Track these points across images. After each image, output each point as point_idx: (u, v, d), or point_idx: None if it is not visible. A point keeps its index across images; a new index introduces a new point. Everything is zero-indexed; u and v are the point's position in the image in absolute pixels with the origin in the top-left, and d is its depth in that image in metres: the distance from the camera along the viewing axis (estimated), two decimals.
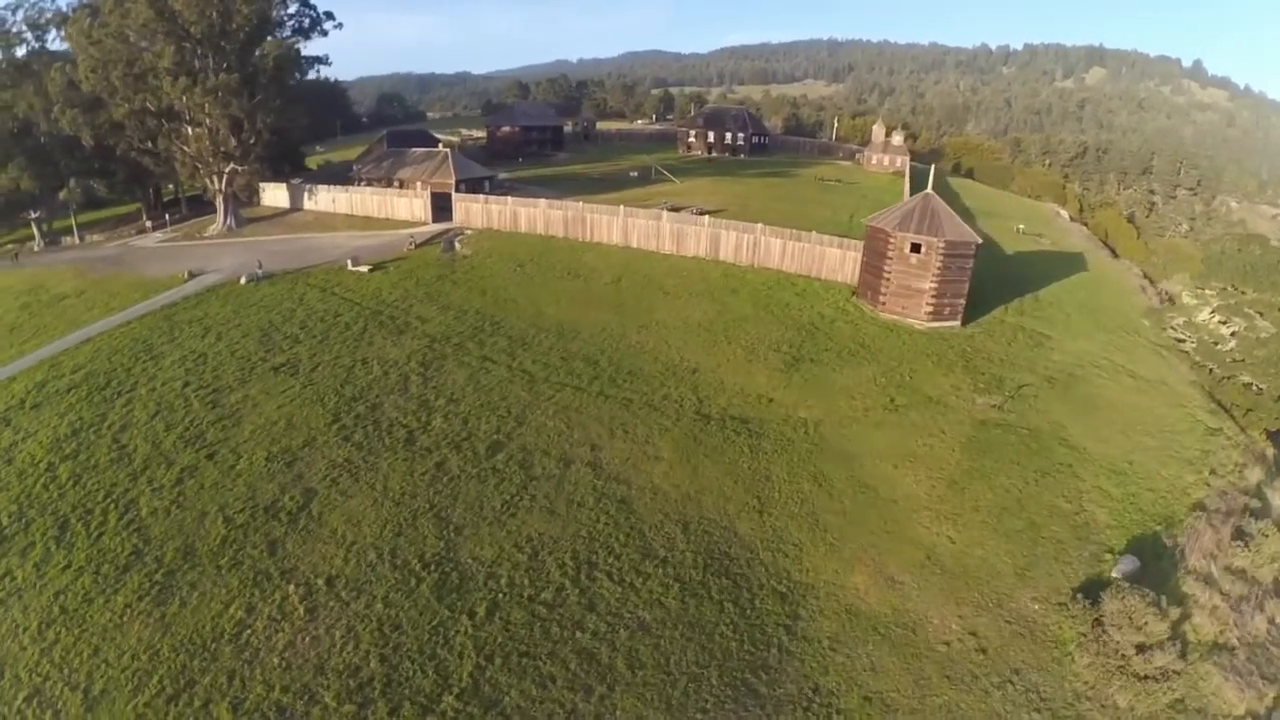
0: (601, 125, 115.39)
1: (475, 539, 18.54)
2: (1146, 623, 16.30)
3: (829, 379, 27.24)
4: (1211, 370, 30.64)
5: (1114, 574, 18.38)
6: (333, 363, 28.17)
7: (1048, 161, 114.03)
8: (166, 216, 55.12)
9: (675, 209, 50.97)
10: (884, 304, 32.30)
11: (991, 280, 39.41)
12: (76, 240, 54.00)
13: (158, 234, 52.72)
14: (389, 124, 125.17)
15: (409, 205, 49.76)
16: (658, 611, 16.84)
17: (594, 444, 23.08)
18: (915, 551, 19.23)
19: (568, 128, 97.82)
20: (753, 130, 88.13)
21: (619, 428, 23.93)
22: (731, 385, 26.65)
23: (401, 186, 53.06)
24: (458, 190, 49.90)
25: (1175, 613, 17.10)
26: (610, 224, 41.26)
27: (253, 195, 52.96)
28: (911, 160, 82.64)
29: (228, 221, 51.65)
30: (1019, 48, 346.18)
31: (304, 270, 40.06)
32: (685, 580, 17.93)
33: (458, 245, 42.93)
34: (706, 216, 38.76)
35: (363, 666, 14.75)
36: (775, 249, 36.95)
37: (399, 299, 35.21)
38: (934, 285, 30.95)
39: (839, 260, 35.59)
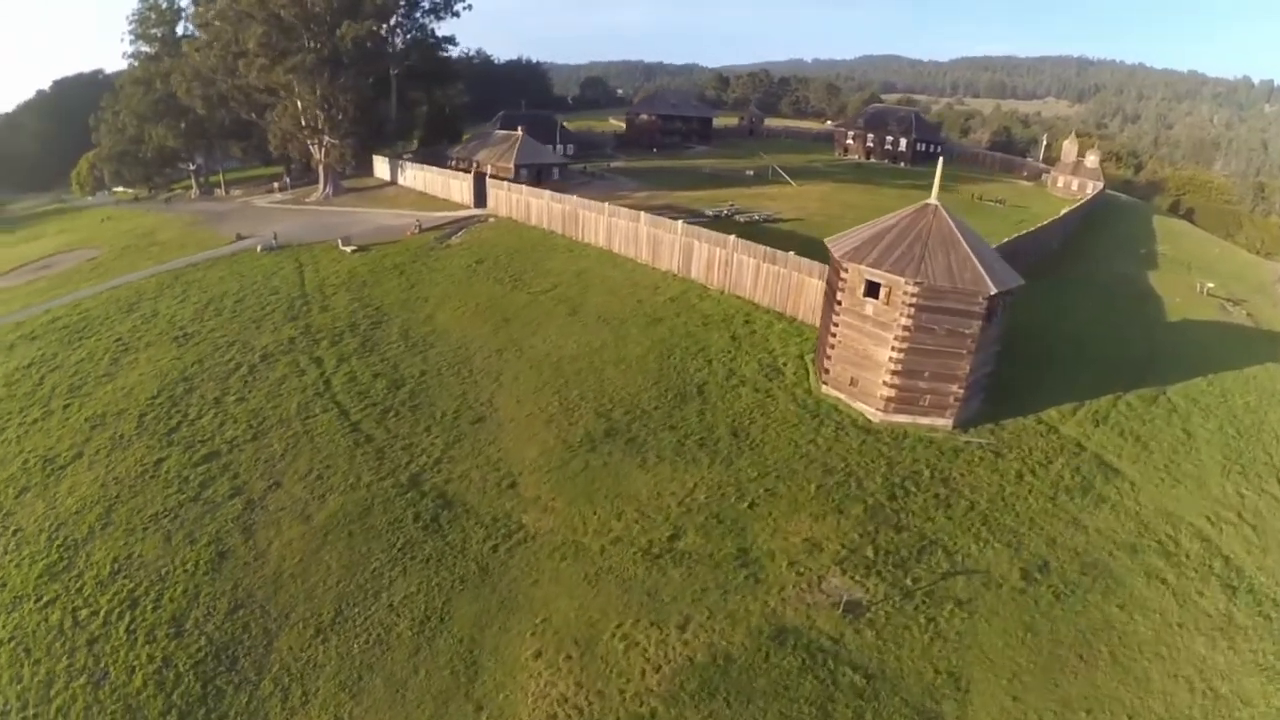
0: (780, 123, 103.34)
1: (100, 544, 15.24)
2: None
3: (626, 477, 16.24)
4: None
5: None
6: (214, 341, 25.21)
7: None
8: (288, 180, 56.56)
9: (733, 214, 40.60)
10: (828, 373, 19.42)
11: (1100, 358, 23.67)
12: (224, 193, 57.65)
13: (278, 195, 54.04)
14: (590, 107, 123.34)
15: (459, 187, 45.09)
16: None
17: (277, 481, 16.81)
18: None
19: (728, 122, 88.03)
20: (918, 135, 70.49)
21: (316, 477, 16.89)
22: (492, 452, 17.33)
23: (477, 168, 48.76)
24: (517, 176, 44.24)
25: None
26: (597, 223, 32.44)
27: (346, 167, 52.02)
28: (1110, 189, 60.62)
29: (326, 190, 51.39)
30: None
31: (307, 245, 37.12)
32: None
33: (455, 236, 37.05)
34: (679, 224, 28.29)
35: None
36: (748, 271, 25.42)
37: (336, 285, 30.50)
38: (896, 354, 17.41)
39: (821, 295, 23.39)
